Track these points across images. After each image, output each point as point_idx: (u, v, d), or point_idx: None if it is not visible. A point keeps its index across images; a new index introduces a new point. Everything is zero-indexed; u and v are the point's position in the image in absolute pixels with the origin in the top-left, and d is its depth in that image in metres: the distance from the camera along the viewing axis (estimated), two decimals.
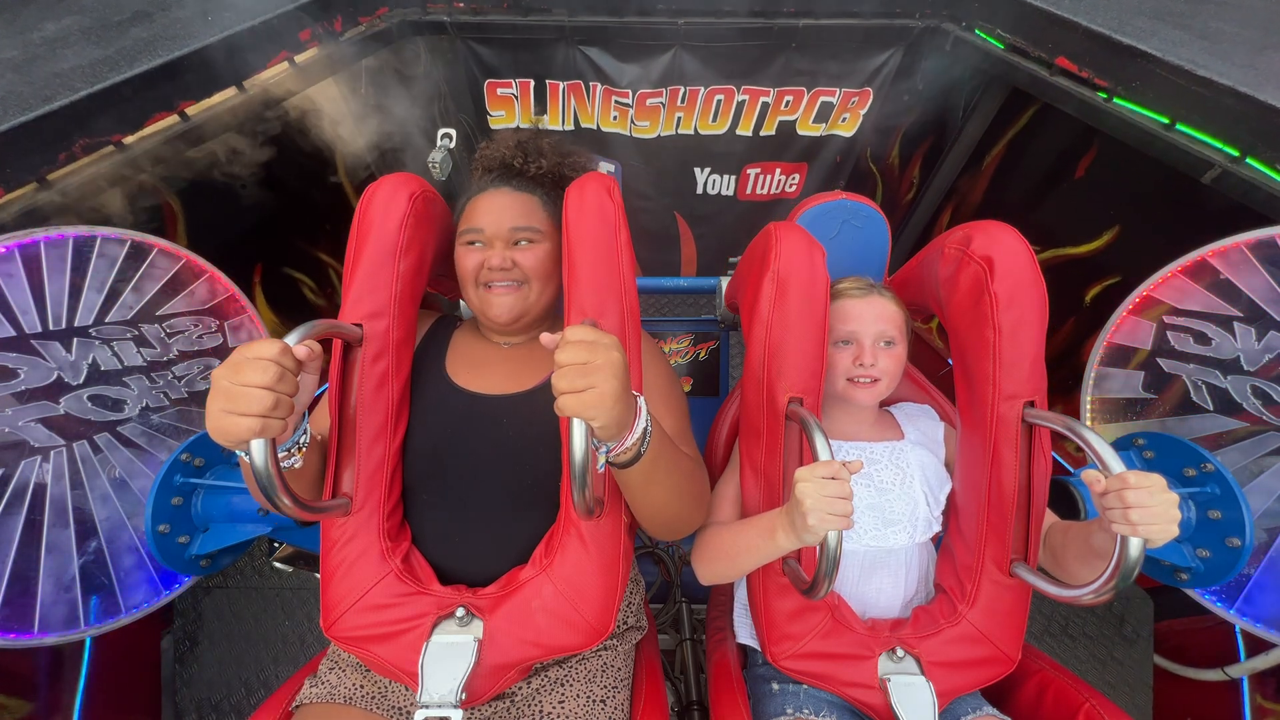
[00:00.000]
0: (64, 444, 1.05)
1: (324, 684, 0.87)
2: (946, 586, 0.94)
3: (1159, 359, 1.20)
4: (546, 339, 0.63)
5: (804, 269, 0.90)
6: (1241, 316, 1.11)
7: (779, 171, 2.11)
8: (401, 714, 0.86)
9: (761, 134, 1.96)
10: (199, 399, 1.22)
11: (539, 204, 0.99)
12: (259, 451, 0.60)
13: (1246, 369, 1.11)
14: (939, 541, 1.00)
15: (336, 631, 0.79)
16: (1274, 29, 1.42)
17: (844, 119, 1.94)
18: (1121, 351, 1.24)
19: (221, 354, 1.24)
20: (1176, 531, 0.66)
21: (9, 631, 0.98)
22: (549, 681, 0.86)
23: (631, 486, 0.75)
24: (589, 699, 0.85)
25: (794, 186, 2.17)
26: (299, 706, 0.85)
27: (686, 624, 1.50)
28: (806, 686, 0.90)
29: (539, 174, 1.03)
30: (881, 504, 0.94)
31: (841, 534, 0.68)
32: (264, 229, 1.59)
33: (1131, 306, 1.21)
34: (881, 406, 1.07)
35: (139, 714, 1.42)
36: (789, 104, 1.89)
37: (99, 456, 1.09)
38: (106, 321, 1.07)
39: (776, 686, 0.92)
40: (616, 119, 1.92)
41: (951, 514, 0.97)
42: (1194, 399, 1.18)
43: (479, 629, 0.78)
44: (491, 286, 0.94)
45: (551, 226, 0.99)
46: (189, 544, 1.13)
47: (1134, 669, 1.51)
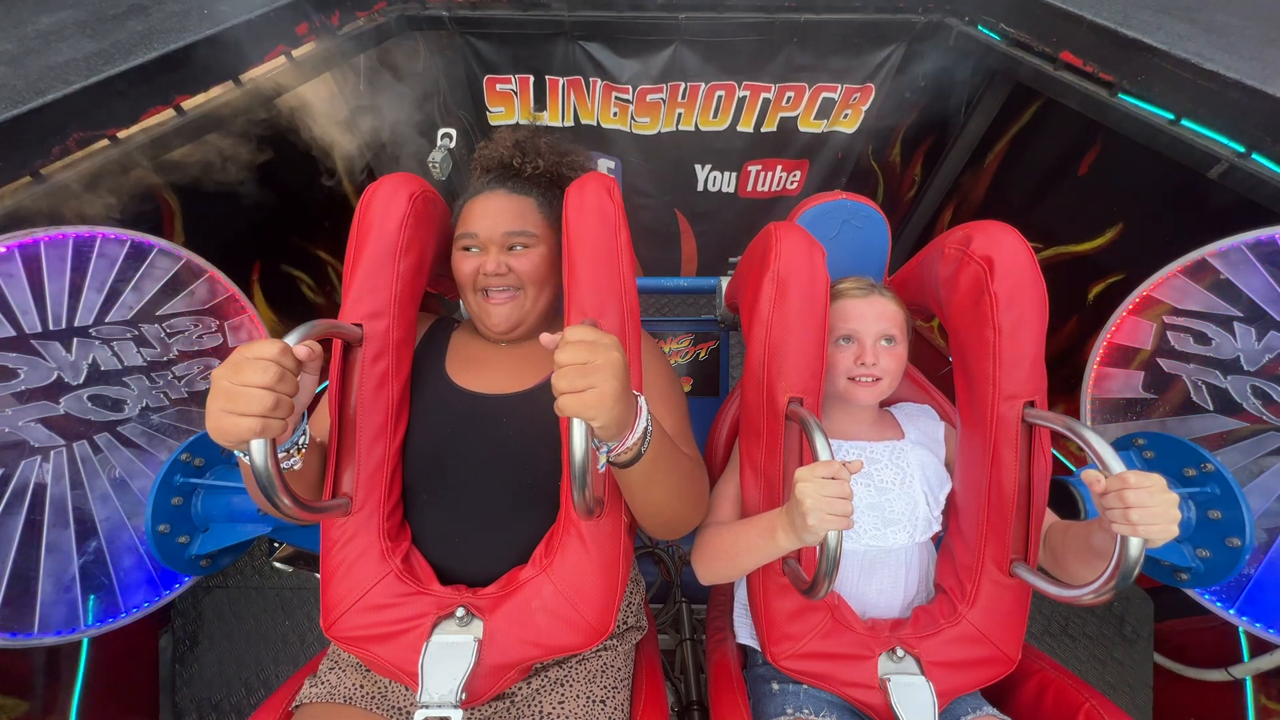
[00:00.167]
0: (64, 444, 1.05)
1: (324, 684, 0.87)
2: (946, 586, 0.94)
3: (1159, 359, 1.20)
4: (546, 339, 0.63)
5: (804, 269, 0.90)
6: (1241, 316, 1.10)
7: (780, 168, 2.10)
8: (401, 714, 0.86)
9: (763, 130, 1.95)
10: (199, 399, 1.22)
11: (534, 206, 0.99)
12: (259, 452, 0.60)
13: (1246, 369, 1.11)
14: (939, 541, 1.00)
15: (336, 631, 0.80)
16: None
17: (845, 115, 1.93)
18: (1122, 351, 1.23)
19: (221, 354, 1.24)
20: (1176, 531, 0.66)
21: (9, 631, 0.98)
22: (549, 682, 0.86)
23: (632, 486, 0.75)
24: (589, 699, 0.86)
25: (795, 184, 2.16)
26: (299, 706, 0.86)
27: (686, 624, 1.50)
28: (806, 686, 0.91)
29: (536, 174, 1.03)
30: (881, 503, 0.94)
31: (841, 534, 0.68)
32: (262, 226, 1.58)
33: (1131, 306, 1.21)
34: (881, 406, 1.07)
35: (136, 713, 1.42)
36: (790, 100, 1.87)
37: (99, 456, 1.09)
38: (106, 321, 1.07)
39: (776, 686, 0.92)
40: (616, 115, 1.91)
41: (951, 514, 0.96)
42: (1194, 399, 1.17)
43: (479, 629, 0.78)
44: (489, 295, 0.95)
45: (547, 229, 0.99)
46: (189, 544, 1.13)
47: (1134, 669, 1.51)
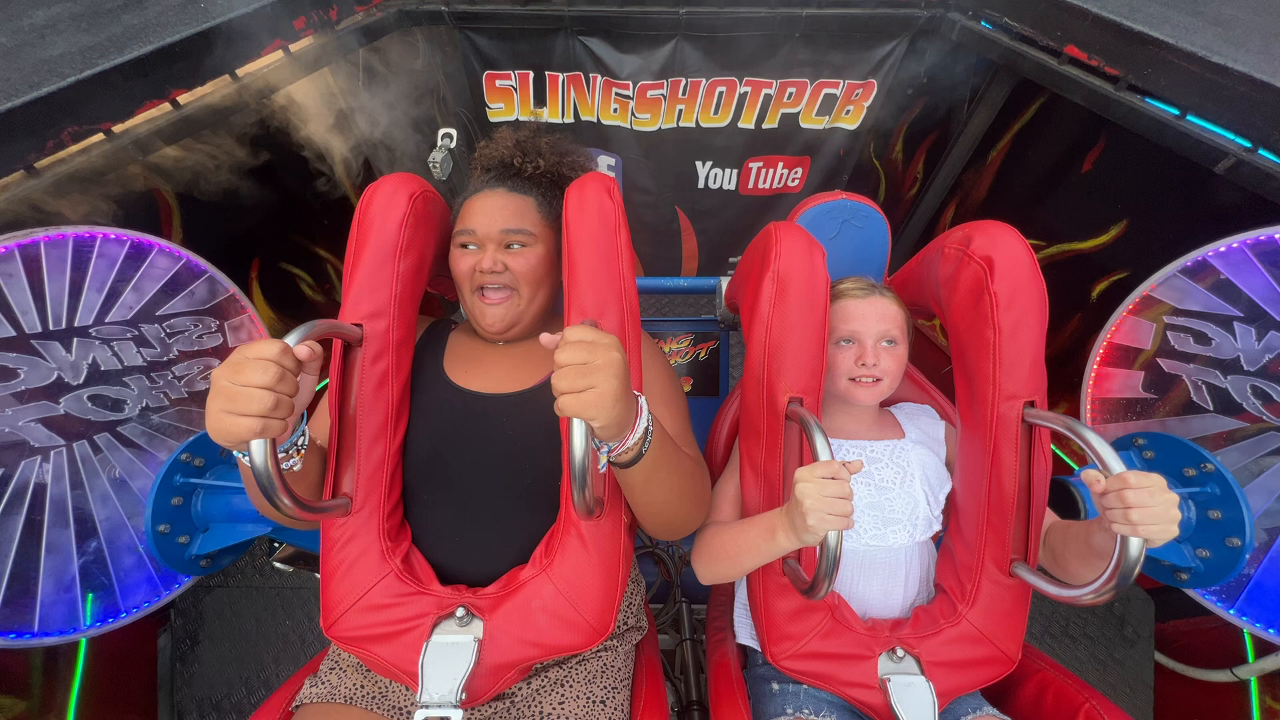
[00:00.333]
0: (64, 444, 1.05)
1: (324, 684, 0.88)
2: (946, 586, 0.94)
3: (1159, 359, 1.19)
4: (546, 339, 0.63)
5: (804, 269, 0.90)
6: (1242, 316, 1.10)
7: (781, 166, 2.09)
8: (402, 714, 0.86)
9: (764, 127, 1.94)
10: (199, 399, 1.22)
11: (533, 205, 0.99)
12: (259, 452, 0.60)
13: (1247, 369, 1.11)
14: (939, 541, 1.00)
15: (336, 631, 0.80)
16: None
17: (847, 111, 1.92)
18: (1122, 351, 1.23)
19: (221, 354, 1.24)
20: (1176, 531, 0.66)
21: (9, 631, 0.98)
22: (549, 682, 0.87)
23: (632, 486, 0.74)
24: (589, 699, 0.86)
25: (796, 181, 2.15)
26: (299, 706, 0.86)
27: (686, 624, 1.50)
28: (806, 686, 0.91)
29: (536, 174, 1.02)
30: (882, 503, 0.94)
31: (841, 534, 0.68)
32: (261, 223, 1.58)
33: (1131, 306, 1.20)
34: (882, 406, 1.07)
35: (135, 712, 1.42)
36: (791, 96, 1.86)
37: (99, 456, 1.09)
38: (106, 321, 1.07)
39: (776, 686, 0.93)
40: (617, 111, 1.90)
41: (951, 514, 0.96)
42: (1194, 399, 1.17)
43: (479, 629, 0.78)
44: (485, 294, 0.95)
45: (546, 229, 0.99)
46: (189, 544, 1.13)
47: (1134, 670, 1.51)
